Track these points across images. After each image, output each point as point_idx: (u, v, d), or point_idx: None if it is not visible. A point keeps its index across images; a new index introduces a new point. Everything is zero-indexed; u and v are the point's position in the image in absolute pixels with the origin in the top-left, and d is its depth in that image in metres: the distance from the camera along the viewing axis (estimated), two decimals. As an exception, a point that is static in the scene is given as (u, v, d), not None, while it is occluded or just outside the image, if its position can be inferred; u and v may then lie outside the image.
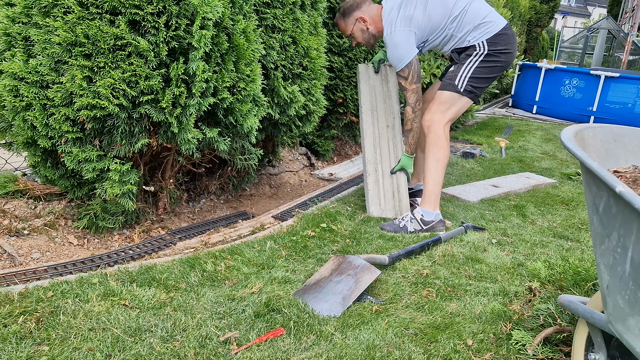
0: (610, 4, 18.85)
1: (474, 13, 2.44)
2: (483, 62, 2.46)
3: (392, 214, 2.65)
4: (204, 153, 2.51)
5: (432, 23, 2.45)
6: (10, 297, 1.59)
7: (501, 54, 2.46)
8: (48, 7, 1.86)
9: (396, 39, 2.45)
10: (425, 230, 2.46)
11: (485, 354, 1.52)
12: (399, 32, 2.44)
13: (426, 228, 2.46)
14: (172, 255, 2.11)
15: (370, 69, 2.80)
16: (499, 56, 2.46)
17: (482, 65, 2.46)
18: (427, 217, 2.47)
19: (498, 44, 2.44)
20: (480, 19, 2.43)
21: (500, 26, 2.45)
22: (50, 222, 2.33)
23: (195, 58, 1.96)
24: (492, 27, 2.44)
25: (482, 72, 2.48)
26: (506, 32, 2.46)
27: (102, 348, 1.40)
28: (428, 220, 2.46)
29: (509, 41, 2.48)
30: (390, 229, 2.46)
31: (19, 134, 2.07)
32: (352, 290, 1.80)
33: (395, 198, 2.69)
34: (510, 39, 2.49)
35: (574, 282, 1.77)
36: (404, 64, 2.46)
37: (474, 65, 2.46)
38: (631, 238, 0.92)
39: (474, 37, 2.44)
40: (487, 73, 2.49)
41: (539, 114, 7.59)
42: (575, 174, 3.94)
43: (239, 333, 1.53)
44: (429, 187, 2.51)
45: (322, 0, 2.84)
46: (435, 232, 2.46)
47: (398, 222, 2.49)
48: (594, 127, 1.36)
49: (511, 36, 2.49)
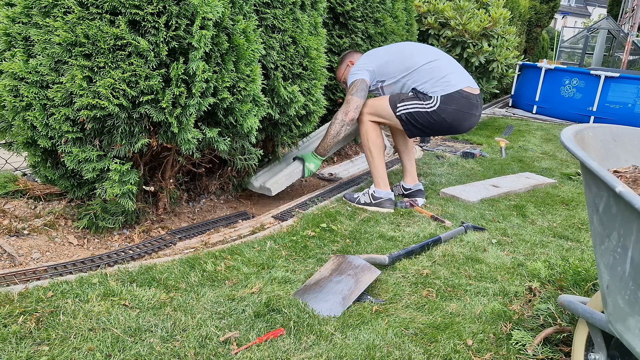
0: (610, 4, 18.85)
1: (436, 70, 2.64)
2: (428, 114, 2.63)
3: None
4: (204, 153, 2.51)
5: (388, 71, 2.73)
6: (10, 297, 1.59)
7: (450, 115, 2.61)
8: (48, 7, 1.86)
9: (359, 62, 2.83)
10: (374, 205, 2.80)
11: (485, 354, 1.52)
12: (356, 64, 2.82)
13: (375, 203, 2.80)
14: (172, 255, 2.11)
15: None
16: (445, 117, 2.62)
17: (426, 115, 2.64)
18: (378, 194, 2.81)
19: (451, 103, 2.59)
20: (440, 77, 2.62)
21: (458, 87, 2.60)
22: (50, 222, 2.33)
23: (195, 58, 1.96)
24: (449, 87, 2.60)
25: (422, 119, 2.65)
26: (463, 95, 2.61)
27: (102, 348, 1.40)
28: (378, 196, 2.80)
29: (464, 104, 2.61)
30: (348, 197, 2.90)
31: (19, 134, 2.07)
32: (352, 290, 1.80)
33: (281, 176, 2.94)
34: (466, 103, 2.62)
35: (574, 282, 1.77)
36: (352, 79, 2.74)
37: (421, 109, 2.64)
38: (631, 238, 0.92)
39: (432, 90, 2.62)
40: (425, 123, 2.66)
41: (539, 114, 7.59)
42: (575, 174, 3.94)
43: (239, 333, 1.53)
44: (373, 171, 2.84)
45: (322, 0, 2.84)
46: (383, 208, 2.78)
47: (356, 195, 2.89)
48: (594, 127, 1.36)
49: (468, 100, 2.62)
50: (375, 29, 3.65)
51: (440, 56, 2.72)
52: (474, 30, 5.16)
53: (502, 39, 5.43)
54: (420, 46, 2.82)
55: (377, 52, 2.84)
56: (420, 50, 2.75)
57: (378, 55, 2.79)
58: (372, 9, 3.57)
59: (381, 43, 3.75)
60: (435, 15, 5.27)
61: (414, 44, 2.86)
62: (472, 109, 2.65)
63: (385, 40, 3.79)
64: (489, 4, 5.56)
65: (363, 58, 2.83)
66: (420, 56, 2.69)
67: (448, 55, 2.77)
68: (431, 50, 2.76)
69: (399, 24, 3.99)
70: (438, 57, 2.70)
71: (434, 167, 4.02)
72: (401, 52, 2.76)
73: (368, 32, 3.62)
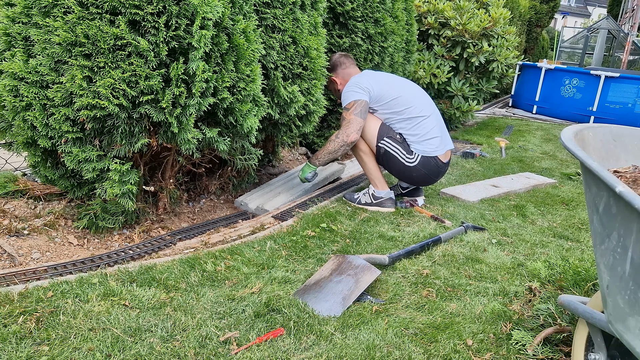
0: (610, 4, 18.85)
1: (426, 127, 2.73)
2: (404, 166, 2.74)
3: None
4: (204, 153, 2.51)
5: (382, 103, 2.75)
6: (10, 297, 1.59)
7: (419, 175, 2.77)
8: (48, 7, 1.86)
9: (351, 80, 2.79)
10: (374, 205, 2.84)
11: (485, 354, 1.52)
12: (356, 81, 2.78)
13: (375, 202, 2.84)
14: (172, 255, 2.11)
15: None
16: (415, 175, 2.77)
17: (402, 165, 2.75)
18: (378, 194, 2.85)
19: (426, 166, 2.73)
20: (427, 137, 2.72)
21: (437, 154, 2.74)
22: (50, 222, 2.33)
23: (195, 58, 1.96)
24: (431, 151, 2.72)
25: (397, 165, 2.75)
26: (438, 163, 2.75)
27: (102, 348, 1.40)
28: (378, 196, 2.84)
29: (434, 171, 2.77)
30: (348, 197, 2.93)
31: (19, 134, 2.07)
32: (352, 290, 1.80)
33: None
34: (435, 170, 2.77)
35: (574, 282, 1.77)
36: (349, 100, 2.72)
37: (401, 158, 2.73)
38: (631, 238, 0.92)
39: (415, 147, 2.72)
40: (396, 168, 2.78)
41: (539, 114, 7.59)
42: (575, 174, 3.94)
43: (239, 333, 1.53)
44: (368, 174, 2.87)
45: (322, 0, 2.84)
46: (384, 207, 2.83)
47: (356, 195, 2.91)
48: (594, 127, 1.36)
49: (438, 168, 2.77)
50: (375, 29, 3.65)
51: (433, 111, 2.78)
52: (474, 30, 5.16)
53: (502, 39, 5.43)
54: (419, 93, 2.83)
55: (379, 78, 2.81)
56: (418, 99, 2.77)
57: (380, 83, 2.77)
58: (372, 9, 3.56)
59: (381, 43, 3.75)
60: (435, 15, 5.27)
61: (415, 87, 2.87)
62: (438, 176, 2.83)
63: (385, 40, 3.79)
64: (489, 4, 5.56)
65: (366, 77, 2.79)
66: (416, 107, 2.73)
67: (438, 111, 2.84)
68: (426, 101, 2.80)
69: (399, 24, 3.99)
70: (431, 113, 2.76)
71: (434, 167, 4.02)
72: (401, 90, 2.77)
73: (368, 32, 3.61)
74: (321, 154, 2.78)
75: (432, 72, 5.23)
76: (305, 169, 2.86)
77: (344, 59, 2.96)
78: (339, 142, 2.71)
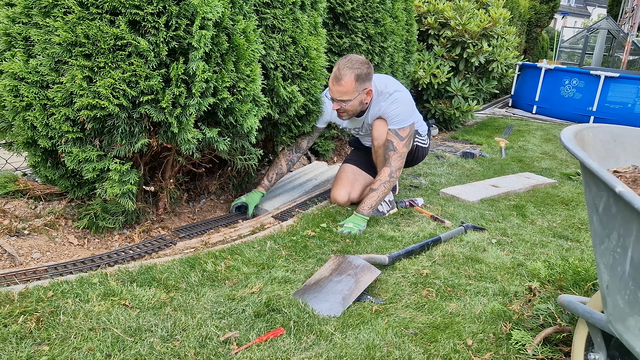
0: (610, 4, 18.85)
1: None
2: (425, 149, 2.97)
3: None
4: (204, 153, 2.51)
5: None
6: (10, 297, 1.59)
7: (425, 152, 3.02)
8: (48, 7, 1.86)
9: (407, 97, 2.68)
10: (393, 208, 2.91)
11: (485, 353, 1.52)
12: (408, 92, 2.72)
13: (393, 206, 2.91)
14: (172, 255, 2.12)
15: None
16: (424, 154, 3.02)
17: (424, 149, 2.98)
18: (390, 198, 2.90)
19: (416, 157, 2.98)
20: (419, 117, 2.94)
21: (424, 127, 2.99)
22: (51, 222, 2.33)
23: (195, 58, 1.96)
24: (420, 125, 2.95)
25: (422, 153, 2.96)
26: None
27: (102, 348, 1.40)
28: (391, 200, 2.92)
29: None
30: (375, 214, 2.83)
31: (19, 134, 2.07)
32: (352, 290, 1.80)
33: None
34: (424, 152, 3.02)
35: (574, 282, 1.77)
36: (410, 122, 2.65)
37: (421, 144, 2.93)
38: (631, 238, 0.92)
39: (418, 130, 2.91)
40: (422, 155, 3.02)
41: (538, 114, 7.59)
42: (575, 174, 3.94)
43: (239, 333, 1.53)
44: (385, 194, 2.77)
45: (322, 1, 2.84)
46: (395, 208, 2.93)
47: (380, 208, 2.86)
48: (593, 127, 1.37)
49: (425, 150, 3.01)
50: (375, 29, 3.65)
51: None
52: (473, 30, 5.16)
53: (502, 39, 5.44)
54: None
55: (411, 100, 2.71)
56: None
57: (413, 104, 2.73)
58: (372, 9, 3.56)
59: (381, 43, 3.75)
60: (435, 16, 5.27)
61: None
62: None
63: (385, 40, 3.79)
64: (489, 4, 5.56)
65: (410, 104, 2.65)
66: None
67: None
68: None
69: (399, 24, 3.99)
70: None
71: (434, 167, 4.03)
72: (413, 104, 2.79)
73: (368, 32, 3.61)
74: (375, 201, 2.56)
75: (432, 72, 5.24)
76: (359, 222, 2.51)
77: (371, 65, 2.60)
78: (393, 181, 2.63)
